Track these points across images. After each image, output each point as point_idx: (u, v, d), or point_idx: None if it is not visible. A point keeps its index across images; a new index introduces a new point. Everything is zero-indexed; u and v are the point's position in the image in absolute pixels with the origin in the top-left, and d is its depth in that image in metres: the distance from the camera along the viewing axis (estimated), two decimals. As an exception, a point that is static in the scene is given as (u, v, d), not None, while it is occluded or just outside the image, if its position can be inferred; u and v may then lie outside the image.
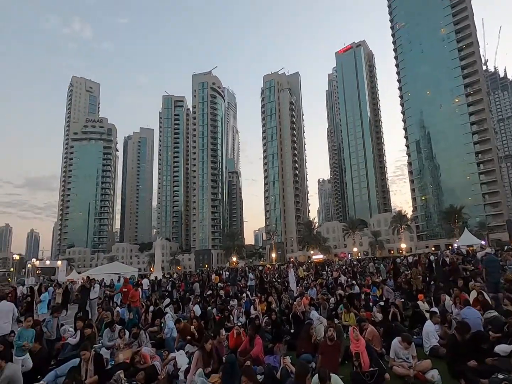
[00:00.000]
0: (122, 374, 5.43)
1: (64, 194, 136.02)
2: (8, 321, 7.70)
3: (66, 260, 57.71)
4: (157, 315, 9.81)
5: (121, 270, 28.94)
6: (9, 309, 7.83)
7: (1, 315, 7.59)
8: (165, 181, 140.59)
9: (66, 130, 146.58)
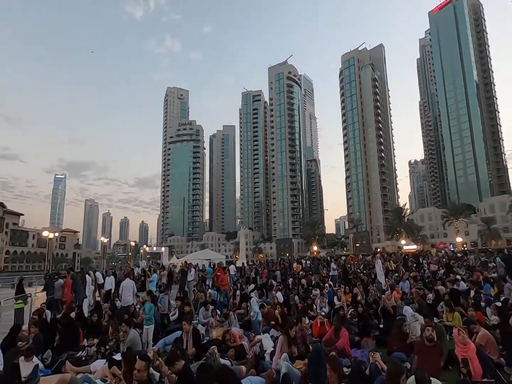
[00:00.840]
0: (216, 349, 5.98)
1: (164, 190, 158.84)
2: (130, 295, 9.61)
3: (168, 247, 67.21)
4: (244, 299, 10.49)
5: (211, 256, 31.99)
6: (131, 285, 9.82)
7: (125, 290, 9.56)
8: (246, 173, 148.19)
9: (164, 135, 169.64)
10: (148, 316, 7.07)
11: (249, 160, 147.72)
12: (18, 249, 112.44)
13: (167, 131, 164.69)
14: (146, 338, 6.91)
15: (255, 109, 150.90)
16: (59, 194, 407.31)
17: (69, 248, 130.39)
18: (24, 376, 4.77)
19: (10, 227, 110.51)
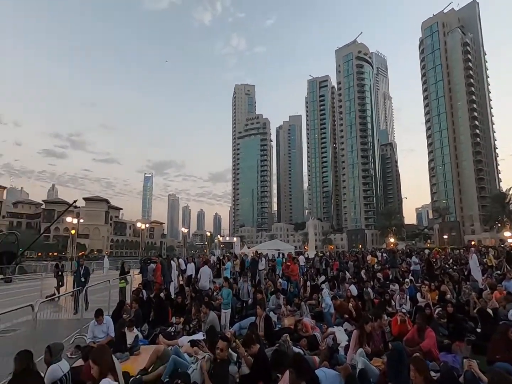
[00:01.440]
0: (288, 337, 6.08)
1: (235, 183, 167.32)
2: (207, 280, 10.79)
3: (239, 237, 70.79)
4: (315, 290, 10.37)
5: (280, 247, 32.46)
6: (208, 272, 11.07)
7: (204, 276, 10.80)
8: (314, 163, 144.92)
9: (233, 131, 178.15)
10: (226, 301, 7.60)
11: (317, 149, 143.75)
12: (119, 238, 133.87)
13: (236, 126, 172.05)
14: (223, 321, 7.45)
15: (321, 96, 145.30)
16: (148, 190, 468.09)
17: (157, 237, 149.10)
18: (129, 343, 5.68)
19: (113, 219, 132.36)
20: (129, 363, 5.23)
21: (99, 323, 6.04)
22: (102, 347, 3.23)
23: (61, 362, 3.83)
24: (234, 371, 4.57)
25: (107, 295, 9.43)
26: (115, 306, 8.26)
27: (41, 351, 3.99)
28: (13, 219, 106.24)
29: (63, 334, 6.90)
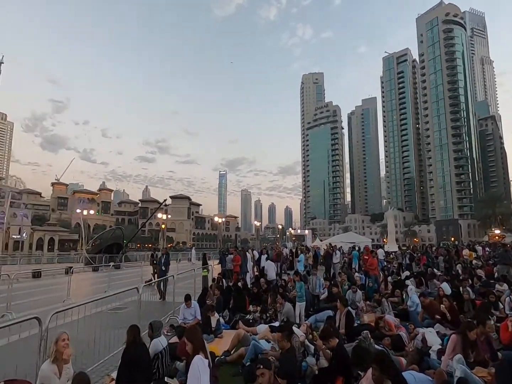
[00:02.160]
0: (369, 334, 5.75)
1: (305, 175, 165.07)
2: (273, 271, 12.01)
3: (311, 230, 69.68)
4: (397, 286, 9.52)
5: (355, 239, 30.75)
6: (273, 264, 12.28)
7: (269, 268, 12.07)
8: (392, 147, 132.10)
9: (301, 122, 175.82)
10: (300, 293, 7.64)
11: (395, 132, 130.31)
12: (199, 231, 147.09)
13: (304, 117, 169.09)
14: (298, 312, 7.50)
15: (400, 72, 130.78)
16: (223, 187, 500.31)
17: (232, 230, 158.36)
18: (213, 327, 6.22)
19: (194, 214, 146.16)
20: (214, 344, 5.73)
21: (188, 306, 6.78)
22: (194, 328, 3.61)
23: (161, 338, 4.44)
24: (312, 362, 4.57)
25: (192, 282, 10.49)
26: (199, 292, 9.14)
27: (144, 326, 4.70)
28: (118, 216, 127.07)
29: (159, 314, 7.97)
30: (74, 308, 4.56)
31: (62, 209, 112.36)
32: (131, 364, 3.75)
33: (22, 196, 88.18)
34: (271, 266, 12.14)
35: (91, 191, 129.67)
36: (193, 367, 3.12)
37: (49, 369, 2.97)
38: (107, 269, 20.50)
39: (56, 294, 11.79)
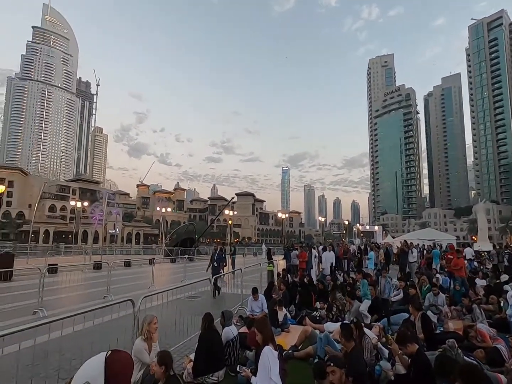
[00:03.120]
0: (455, 343, 5.10)
1: (373, 167, 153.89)
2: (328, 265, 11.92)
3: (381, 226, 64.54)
4: (493, 292, 8.16)
5: (435, 236, 27.35)
6: (331, 256, 12.29)
7: (326, 262, 11.98)
8: (482, 130, 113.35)
9: (369, 110, 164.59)
10: (363, 292, 7.23)
11: (487, 112, 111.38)
12: (263, 227, 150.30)
13: (372, 105, 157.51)
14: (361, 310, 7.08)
15: (492, 40, 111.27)
16: (286, 183, 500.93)
17: (296, 226, 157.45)
18: (280, 321, 6.31)
19: (258, 210, 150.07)
20: (281, 338, 5.81)
21: (255, 299, 7.03)
22: (264, 319, 3.74)
23: (232, 327, 4.71)
24: (387, 367, 4.26)
25: (258, 276, 10.81)
26: (265, 286, 9.36)
27: (216, 315, 5.04)
28: (190, 213, 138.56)
29: (229, 305, 8.44)
30: (158, 294, 5.16)
31: (145, 207, 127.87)
32: (207, 348, 4.08)
33: (115, 196, 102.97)
34: (329, 258, 12.04)
35: (168, 190, 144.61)
36: (263, 357, 3.22)
37: (141, 345, 3.47)
38: (182, 261, 22.59)
39: (142, 281, 13.52)
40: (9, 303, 8.83)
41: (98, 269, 17.97)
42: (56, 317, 3.39)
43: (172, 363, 3.07)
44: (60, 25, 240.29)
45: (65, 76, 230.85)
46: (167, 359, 3.01)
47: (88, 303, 9.24)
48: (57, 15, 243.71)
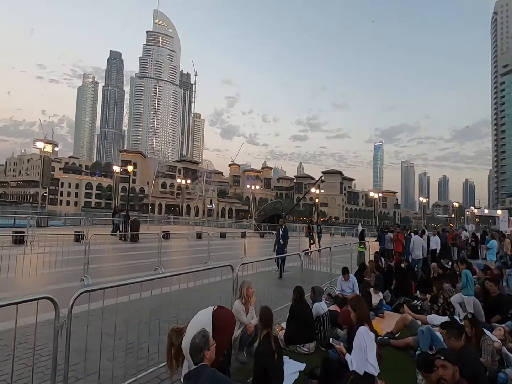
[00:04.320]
0: None
1: (497, 138, 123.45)
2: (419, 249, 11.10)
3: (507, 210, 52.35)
4: None
5: None
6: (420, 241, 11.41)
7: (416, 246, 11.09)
8: None
9: (493, 67, 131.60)
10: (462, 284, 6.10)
11: None
12: (352, 207, 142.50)
13: (498, 59, 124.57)
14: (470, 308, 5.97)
15: None
16: (379, 159, 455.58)
17: (390, 207, 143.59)
18: (374, 304, 5.96)
19: (346, 189, 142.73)
20: (375, 322, 5.48)
21: (345, 279, 6.81)
22: (359, 298, 3.59)
23: (322, 303, 4.71)
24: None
25: (347, 257, 10.39)
26: (355, 267, 8.94)
27: (306, 290, 5.10)
28: (277, 191, 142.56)
29: (317, 281, 8.44)
30: (253, 263, 5.53)
31: (236, 185, 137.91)
32: (297, 319, 4.20)
33: (211, 175, 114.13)
34: (418, 243, 11.10)
35: (256, 169, 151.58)
36: (358, 336, 3.10)
37: (240, 306, 3.83)
38: (270, 236, 23.66)
39: (236, 251, 14.86)
40: (137, 260, 11.07)
41: (199, 238, 20.58)
42: (173, 273, 4.05)
43: (272, 321, 3.29)
44: (166, 26, 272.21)
45: (171, 71, 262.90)
46: (268, 316, 3.23)
47: (194, 265, 10.74)
48: (164, 17, 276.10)
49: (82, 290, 2.66)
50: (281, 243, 9.73)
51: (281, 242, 9.74)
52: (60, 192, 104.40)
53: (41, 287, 6.99)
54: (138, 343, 3.79)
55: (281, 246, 9.75)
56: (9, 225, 18.43)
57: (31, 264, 7.76)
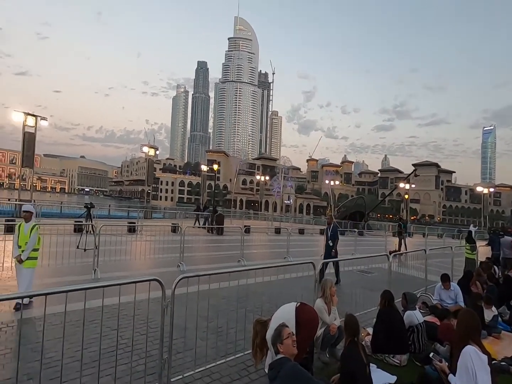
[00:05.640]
0: None
1: None
2: None
3: None
4: None
5: None
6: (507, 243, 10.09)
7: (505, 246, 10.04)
8: None
9: None
10: None
11: None
12: (452, 204, 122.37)
13: None
14: None
15: None
16: (489, 147, 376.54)
17: (506, 205, 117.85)
18: (487, 320, 5.00)
19: (444, 184, 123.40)
20: (487, 342, 4.61)
21: (445, 288, 5.91)
22: (470, 311, 3.08)
23: (416, 312, 4.20)
24: None
25: (447, 262, 8.99)
26: (457, 275, 7.68)
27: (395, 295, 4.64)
28: (359, 186, 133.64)
29: (408, 287, 7.57)
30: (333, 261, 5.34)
31: (314, 180, 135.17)
32: (387, 327, 3.85)
33: (289, 171, 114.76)
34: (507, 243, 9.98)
35: (335, 164, 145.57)
36: (464, 357, 2.66)
37: (322, 305, 3.76)
38: (352, 234, 22.40)
39: (314, 248, 14.58)
40: (222, 252, 12.01)
41: (278, 234, 20.98)
42: (257, 266, 4.24)
43: (358, 330, 3.10)
44: (245, 30, 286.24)
45: (250, 72, 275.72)
46: (354, 324, 3.07)
47: (274, 260, 11.03)
48: (243, 22, 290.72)
49: (181, 276, 3.03)
50: (330, 245, 8.25)
51: (330, 243, 8.26)
52: (160, 189, 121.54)
53: (148, 269, 8.28)
54: (227, 328, 4.11)
55: (329, 248, 8.25)
56: (125, 216, 22.44)
57: (141, 250, 9.25)
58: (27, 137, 16.89)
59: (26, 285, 4.91)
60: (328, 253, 8.22)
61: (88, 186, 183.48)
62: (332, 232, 8.32)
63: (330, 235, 8.31)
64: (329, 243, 8.26)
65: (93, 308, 4.03)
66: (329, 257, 7.98)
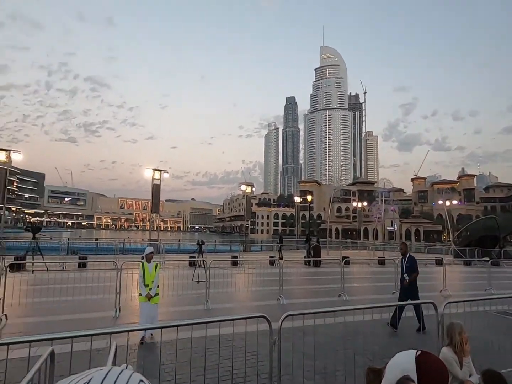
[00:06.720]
0: None
1: None
2: None
3: None
4: None
5: None
6: None
7: None
8: None
9: None
10: None
11: None
12: None
13: None
14: None
15: None
16: None
17: None
18: None
19: None
20: None
21: None
22: None
23: None
24: None
25: None
26: None
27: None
28: (486, 204, 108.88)
29: None
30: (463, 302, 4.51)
31: (422, 201, 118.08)
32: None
33: (390, 194, 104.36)
34: None
35: (449, 180, 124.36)
36: None
37: (450, 355, 3.05)
38: (482, 265, 18.15)
39: (431, 282, 12.39)
40: (320, 285, 11.60)
41: (382, 265, 18.85)
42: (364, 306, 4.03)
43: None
44: (332, 57, 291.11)
45: (339, 97, 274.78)
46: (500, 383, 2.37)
47: (379, 296, 9.96)
48: (329, 50, 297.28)
49: (287, 314, 3.18)
50: (405, 280, 6.80)
51: (406, 277, 6.80)
52: (256, 222, 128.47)
53: (251, 301, 8.75)
54: (334, 369, 3.95)
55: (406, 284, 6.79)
56: (227, 250, 24.55)
57: (243, 282, 9.91)
58: (155, 188, 21.03)
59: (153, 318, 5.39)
60: (405, 291, 6.79)
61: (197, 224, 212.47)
62: (408, 264, 6.96)
63: (406, 267, 6.94)
64: (405, 277, 6.85)
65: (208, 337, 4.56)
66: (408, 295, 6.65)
